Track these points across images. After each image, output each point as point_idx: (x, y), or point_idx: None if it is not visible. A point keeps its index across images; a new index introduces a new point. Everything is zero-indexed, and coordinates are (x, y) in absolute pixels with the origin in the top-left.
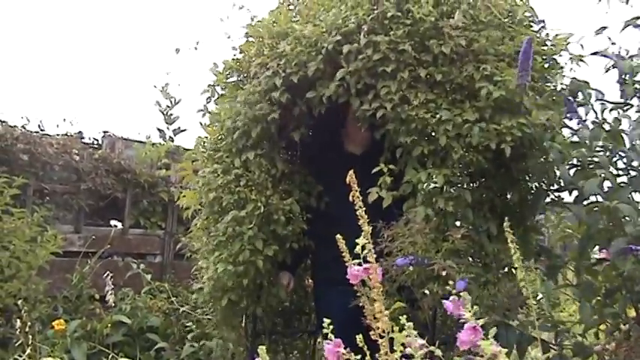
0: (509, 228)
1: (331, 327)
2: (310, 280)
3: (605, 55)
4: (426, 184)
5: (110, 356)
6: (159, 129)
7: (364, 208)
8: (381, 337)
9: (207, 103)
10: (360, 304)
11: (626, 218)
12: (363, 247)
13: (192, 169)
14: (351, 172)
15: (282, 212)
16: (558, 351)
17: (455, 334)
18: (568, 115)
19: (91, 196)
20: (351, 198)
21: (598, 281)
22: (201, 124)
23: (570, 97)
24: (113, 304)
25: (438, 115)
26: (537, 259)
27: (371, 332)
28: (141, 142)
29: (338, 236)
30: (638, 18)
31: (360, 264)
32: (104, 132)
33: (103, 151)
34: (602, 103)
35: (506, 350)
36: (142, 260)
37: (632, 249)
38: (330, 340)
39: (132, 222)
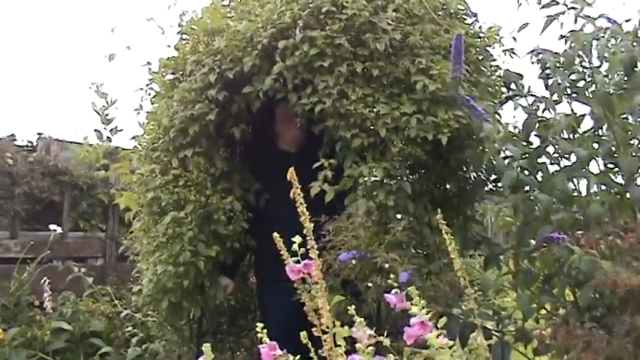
0: (449, 218)
1: (265, 330)
2: (254, 278)
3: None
4: (366, 178)
5: None
6: (96, 130)
7: (305, 205)
8: (324, 332)
9: (143, 101)
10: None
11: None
12: (302, 244)
13: (129, 169)
14: (291, 169)
15: (223, 212)
16: (500, 337)
17: (399, 325)
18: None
19: (27, 200)
20: (291, 195)
21: (536, 267)
22: (139, 122)
23: (469, 99)
24: (52, 311)
25: (376, 109)
26: (477, 248)
27: (313, 329)
28: (78, 143)
29: (275, 234)
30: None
31: (298, 261)
32: (38, 134)
33: (38, 153)
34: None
35: (450, 342)
36: (82, 264)
37: (553, 237)
38: (266, 342)
39: (71, 225)
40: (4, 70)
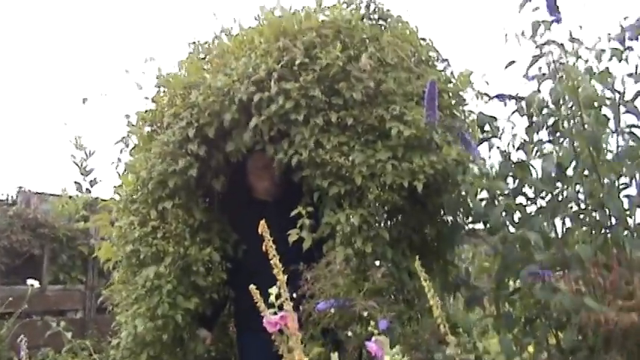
0: (429, 263)
1: None
2: (234, 328)
3: (506, 97)
4: (344, 225)
5: None
6: (75, 182)
7: (282, 254)
8: None
9: (121, 153)
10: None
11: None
12: (278, 296)
13: (109, 221)
14: (262, 222)
15: (202, 263)
16: None
17: None
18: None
19: (7, 255)
20: (264, 247)
21: (517, 310)
22: (118, 174)
23: (465, 134)
24: None
25: (351, 158)
26: (457, 291)
27: None
28: (57, 195)
29: (252, 286)
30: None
31: (275, 312)
32: (19, 187)
33: (18, 207)
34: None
35: None
36: (62, 317)
37: (540, 274)
38: None
39: (51, 278)
40: None
